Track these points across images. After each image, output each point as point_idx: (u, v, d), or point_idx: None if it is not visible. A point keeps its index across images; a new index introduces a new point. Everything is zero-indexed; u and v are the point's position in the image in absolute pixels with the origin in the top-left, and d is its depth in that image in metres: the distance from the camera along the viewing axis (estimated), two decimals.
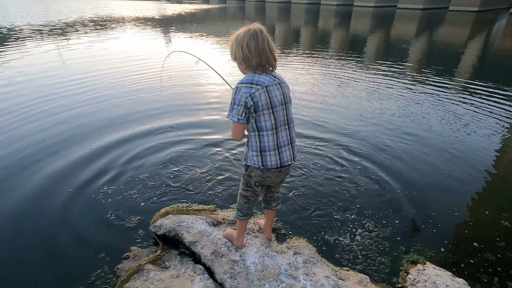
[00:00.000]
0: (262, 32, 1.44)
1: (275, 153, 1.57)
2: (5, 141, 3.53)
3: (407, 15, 25.72)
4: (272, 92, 1.49)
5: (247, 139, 1.64)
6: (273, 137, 1.55)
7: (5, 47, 9.20)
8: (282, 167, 1.63)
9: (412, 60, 8.75)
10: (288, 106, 1.58)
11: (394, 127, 4.09)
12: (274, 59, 1.50)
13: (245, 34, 1.44)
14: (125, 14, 21.86)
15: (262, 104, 1.47)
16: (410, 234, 2.27)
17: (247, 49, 1.43)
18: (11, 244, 2.14)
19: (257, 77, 1.48)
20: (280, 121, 1.55)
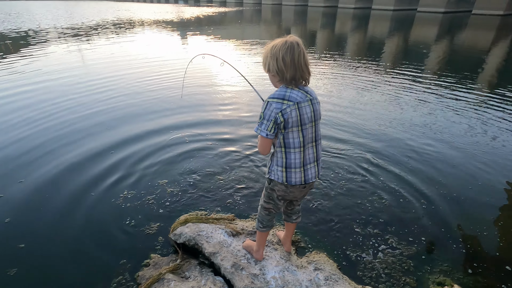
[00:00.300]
0: (299, 45, 1.39)
1: (301, 170, 1.55)
2: (27, 139, 3.68)
3: (428, 19, 25.06)
4: (303, 109, 1.45)
5: (273, 153, 1.61)
6: (300, 155, 1.52)
7: (32, 49, 9.61)
8: (306, 184, 1.60)
9: (432, 64, 8.50)
10: (317, 123, 1.54)
11: (417, 135, 3.97)
12: (309, 74, 1.45)
13: (281, 46, 1.38)
14: (145, 17, 22.39)
15: (292, 121, 1.43)
16: (436, 253, 2.18)
17: (283, 62, 1.38)
18: (34, 248, 2.20)
19: (289, 92, 1.43)
20: (308, 138, 1.52)
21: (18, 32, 13.24)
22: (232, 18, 24.15)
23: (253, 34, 14.69)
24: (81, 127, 4.10)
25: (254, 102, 5.15)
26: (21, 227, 2.37)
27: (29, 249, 2.17)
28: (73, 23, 17.42)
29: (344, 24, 21.31)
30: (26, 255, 2.13)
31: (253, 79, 6.54)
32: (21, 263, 2.06)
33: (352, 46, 11.95)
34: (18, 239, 2.25)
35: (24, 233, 2.31)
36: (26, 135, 3.82)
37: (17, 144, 3.61)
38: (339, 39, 14.17)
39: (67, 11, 27.55)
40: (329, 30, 17.24)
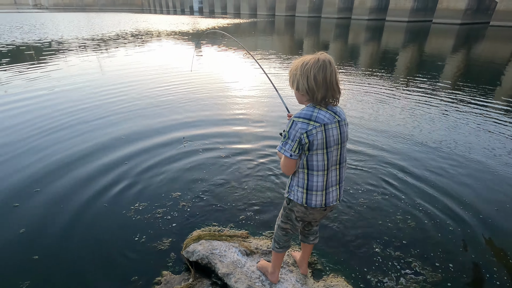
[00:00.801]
0: (331, 63, 1.31)
1: (322, 193, 1.48)
2: (39, 146, 3.75)
3: (444, 30, 24.72)
4: (329, 131, 1.38)
5: (294, 172, 1.53)
6: (323, 178, 1.45)
7: (54, 58, 9.98)
8: (326, 207, 1.52)
9: (449, 77, 8.28)
10: (343, 146, 1.46)
11: (440, 149, 3.82)
12: (339, 93, 1.38)
13: (313, 64, 1.30)
14: (162, 28, 23.03)
15: (318, 143, 1.37)
16: (465, 282, 2.03)
17: (314, 81, 1.30)
18: (47, 260, 2.18)
19: (317, 113, 1.36)
20: (333, 161, 1.45)
21: (42, 43, 13.83)
22: (245, 29, 24.53)
23: (266, 45, 14.82)
24: (94, 135, 4.17)
25: (272, 108, 5.15)
26: (35, 238, 2.37)
27: (42, 261, 2.16)
28: (93, 34, 18.10)
29: (357, 35, 21.27)
30: (39, 267, 2.11)
31: (266, 89, 6.54)
32: (34, 275, 2.04)
33: (365, 58, 11.85)
34: (32, 250, 2.25)
35: (38, 244, 2.31)
36: (40, 142, 3.91)
37: (32, 150, 3.69)
38: (352, 50, 14.10)
39: (88, 21, 28.72)
40: (342, 41, 17.22)
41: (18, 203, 2.76)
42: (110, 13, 52.13)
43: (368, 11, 37.34)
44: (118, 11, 64.74)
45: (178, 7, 76.32)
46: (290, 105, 2.00)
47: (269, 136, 4.25)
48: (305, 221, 1.67)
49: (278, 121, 4.79)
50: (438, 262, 2.17)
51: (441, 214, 2.67)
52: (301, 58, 1.37)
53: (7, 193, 2.91)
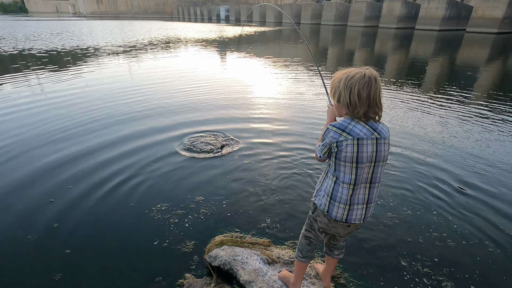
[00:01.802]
0: (376, 81, 1.28)
1: (345, 207, 1.44)
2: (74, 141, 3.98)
3: (478, 40, 23.56)
4: (363, 146, 1.34)
5: (326, 172, 1.51)
6: (347, 191, 1.41)
7: (90, 62, 10.61)
8: (350, 223, 1.48)
9: (483, 88, 7.84)
10: (378, 165, 1.40)
11: (483, 162, 3.63)
12: (381, 110, 1.35)
13: (359, 79, 1.27)
14: (190, 36, 23.83)
15: (346, 156, 1.35)
16: None
17: (357, 97, 1.28)
18: (77, 255, 2.29)
19: (353, 126, 1.34)
20: (363, 178, 1.40)
21: (81, 49, 14.77)
22: (270, 37, 24.77)
23: (290, 52, 14.86)
24: (123, 136, 4.35)
25: (302, 115, 5.11)
26: (67, 233, 2.50)
27: (73, 255, 2.28)
28: (127, 41, 19.07)
29: (384, 43, 20.78)
30: (70, 261, 2.22)
31: (291, 96, 6.53)
32: (65, 269, 2.15)
33: (392, 66, 11.53)
34: (64, 244, 2.37)
35: (69, 239, 2.43)
36: (74, 138, 4.14)
37: (65, 147, 3.92)
38: (378, 58, 13.78)
39: (122, 29, 30.32)
40: (368, 50, 16.89)
41: (53, 199, 2.93)
42: (142, 21, 54.74)
43: (397, 20, 36.45)
44: (149, 19, 67.86)
45: (206, 15, 78.69)
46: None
47: (297, 141, 4.24)
48: (328, 234, 1.64)
49: (307, 127, 4.78)
50: (473, 285, 2.04)
51: (480, 233, 2.52)
52: (345, 70, 1.35)
53: (45, 188, 3.10)
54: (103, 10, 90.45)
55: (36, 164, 3.57)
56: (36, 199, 2.93)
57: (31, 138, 4.30)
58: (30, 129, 4.59)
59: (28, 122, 4.89)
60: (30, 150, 3.93)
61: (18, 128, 4.63)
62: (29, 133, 4.45)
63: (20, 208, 2.79)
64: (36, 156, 3.76)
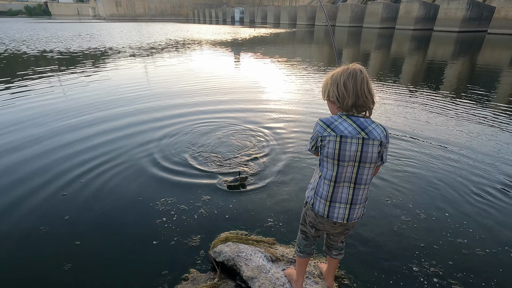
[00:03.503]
0: (362, 72, 1.33)
1: (326, 203, 1.46)
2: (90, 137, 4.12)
3: (500, 41, 22.69)
4: (346, 144, 1.34)
5: (317, 166, 1.54)
6: (328, 188, 1.43)
7: (106, 63, 10.96)
8: (335, 221, 1.49)
9: (506, 91, 7.55)
10: (364, 166, 1.37)
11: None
12: (372, 102, 1.36)
13: (342, 72, 1.34)
14: (206, 37, 24.16)
15: (328, 152, 1.37)
16: None
17: (344, 88, 1.32)
18: (87, 247, 2.37)
19: (338, 123, 1.36)
20: (345, 177, 1.40)
21: (99, 50, 15.26)
22: (284, 38, 24.77)
23: (304, 54, 14.81)
24: (128, 124, 4.48)
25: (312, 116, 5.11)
26: (78, 226, 2.59)
27: (83, 247, 2.36)
28: (145, 42, 19.55)
29: (401, 45, 20.36)
30: (80, 252, 2.30)
31: (306, 99, 6.51)
32: (74, 259, 2.23)
33: (409, 69, 11.28)
34: (75, 236, 2.46)
35: (80, 232, 2.52)
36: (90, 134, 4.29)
37: (79, 140, 4.08)
38: (394, 61, 13.52)
39: (138, 31, 31.09)
40: (383, 52, 16.60)
41: (66, 192, 3.05)
42: (159, 23, 55.92)
43: (414, 21, 35.62)
44: (166, 21, 69.24)
45: (220, 17, 79.49)
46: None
47: (305, 140, 4.24)
48: (318, 230, 1.65)
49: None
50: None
51: (496, 242, 2.44)
52: (332, 71, 1.41)
53: (59, 182, 3.22)
54: (121, 12, 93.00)
55: (48, 158, 3.73)
56: (49, 192, 3.05)
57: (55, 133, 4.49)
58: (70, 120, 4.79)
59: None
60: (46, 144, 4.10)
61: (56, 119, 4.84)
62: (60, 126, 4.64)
63: (33, 201, 2.90)
64: (48, 150, 3.92)
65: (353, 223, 1.53)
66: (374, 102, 1.37)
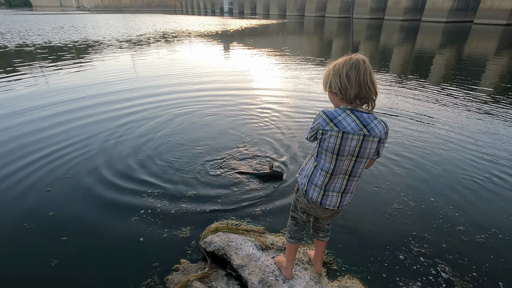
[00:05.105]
0: (364, 62, 1.29)
1: (320, 191, 1.49)
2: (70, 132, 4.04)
3: (487, 31, 23.09)
4: (347, 140, 1.34)
5: (311, 155, 1.55)
6: (324, 179, 1.46)
7: (95, 56, 10.67)
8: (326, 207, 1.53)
9: (491, 81, 7.73)
10: (361, 161, 1.40)
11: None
12: (375, 93, 1.33)
13: (345, 63, 1.30)
14: (192, 29, 23.72)
15: (329, 146, 1.37)
16: None
17: (346, 78, 1.29)
18: (74, 242, 2.34)
19: (342, 118, 1.33)
20: (341, 169, 1.42)
21: (85, 42, 14.82)
22: (274, 30, 24.56)
23: (294, 46, 14.75)
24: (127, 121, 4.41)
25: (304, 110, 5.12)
26: (64, 222, 2.54)
27: (70, 242, 2.32)
28: (131, 34, 19.07)
29: (390, 36, 20.48)
30: (67, 248, 2.27)
31: (294, 93, 6.51)
32: (61, 255, 2.19)
33: (398, 60, 11.39)
34: (61, 232, 2.41)
35: (66, 228, 2.47)
36: (67, 129, 4.21)
37: (62, 137, 4.00)
38: (383, 52, 13.62)
39: (125, 24, 30.27)
40: (373, 43, 16.68)
41: (51, 188, 2.99)
42: (146, 14, 54.58)
43: (403, 12, 35.85)
44: (153, 12, 67.61)
45: (209, 8, 78.14)
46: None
47: (298, 132, 4.26)
48: (309, 215, 1.68)
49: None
50: (468, 275, 2.05)
51: (480, 227, 2.53)
52: (334, 61, 1.38)
53: (41, 179, 3.14)
54: (106, 3, 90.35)
55: (31, 154, 3.65)
56: (33, 188, 2.98)
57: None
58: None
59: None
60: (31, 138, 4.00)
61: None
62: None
63: (17, 198, 2.84)
64: (28, 145, 3.83)
65: (343, 207, 1.58)
66: (377, 93, 1.35)
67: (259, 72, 8.78)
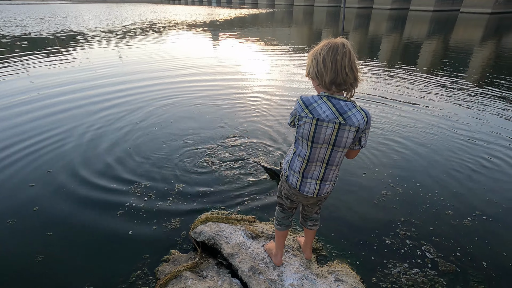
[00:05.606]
0: (344, 46, 1.23)
1: (298, 178, 1.49)
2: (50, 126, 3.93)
3: (473, 20, 23.38)
4: (321, 128, 1.31)
5: (294, 141, 1.55)
6: (301, 165, 1.45)
7: (76, 47, 10.32)
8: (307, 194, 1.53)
9: (478, 69, 7.87)
10: (338, 150, 1.37)
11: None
12: (355, 79, 1.27)
13: (323, 47, 1.25)
14: (179, 19, 23.17)
15: (304, 132, 1.36)
16: (475, 274, 1.98)
17: (322, 64, 1.24)
18: (60, 237, 2.29)
19: (317, 105, 1.30)
20: (318, 157, 1.41)
21: (68, 33, 14.29)
22: (263, 19, 24.23)
23: (283, 35, 14.61)
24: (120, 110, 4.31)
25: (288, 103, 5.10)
26: (50, 216, 2.48)
27: (56, 237, 2.27)
28: (116, 24, 18.49)
29: (378, 25, 20.51)
30: (53, 243, 2.22)
31: (283, 84, 6.48)
32: (47, 250, 2.14)
33: (387, 49, 11.44)
34: (46, 227, 2.35)
35: (52, 222, 2.41)
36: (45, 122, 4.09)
37: (48, 129, 3.88)
38: (372, 41, 13.64)
39: (109, 14, 29.30)
40: (362, 32, 16.68)
41: (34, 183, 2.91)
42: (130, 4, 52.93)
43: (391, 0, 35.87)
44: (138, 2, 65.62)
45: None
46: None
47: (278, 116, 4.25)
48: (293, 201, 1.67)
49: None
50: (452, 255, 2.11)
51: (464, 206, 2.60)
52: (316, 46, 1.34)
53: (24, 174, 3.05)
54: None
55: (10, 148, 3.53)
56: (15, 183, 2.90)
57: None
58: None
59: None
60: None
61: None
62: None
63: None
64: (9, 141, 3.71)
65: (325, 196, 1.57)
66: (358, 80, 1.28)
67: (249, 61, 8.68)
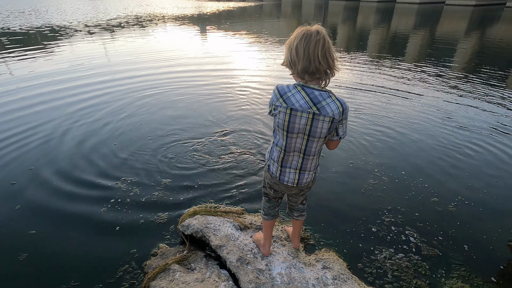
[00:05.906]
0: (319, 33, 1.20)
1: (278, 167, 1.51)
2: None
3: (457, 12, 23.76)
4: (295, 117, 1.31)
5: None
6: (279, 154, 1.46)
7: (60, 42, 9.99)
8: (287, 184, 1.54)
9: (462, 61, 8.03)
10: (313, 140, 1.36)
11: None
12: (329, 67, 1.24)
13: (297, 36, 1.23)
14: (166, 12, 22.71)
15: (279, 122, 1.36)
16: (457, 257, 2.04)
17: (295, 51, 1.23)
18: (44, 234, 2.24)
19: (291, 94, 1.29)
20: (295, 147, 1.41)
21: (49, 28, 13.82)
22: (251, 13, 24.00)
23: (272, 28, 14.52)
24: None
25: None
26: (32, 214, 2.42)
27: (40, 235, 2.22)
28: (100, 18, 17.98)
29: (366, 18, 20.62)
30: (37, 241, 2.17)
31: (272, 77, 6.46)
32: (31, 248, 2.10)
33: (375, 41, 11.53)
34: (29, 225, 2.31)
35: (35, 220, 2.36)
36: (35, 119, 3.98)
37: (31, 126, 3.77)
38: (360, 34, 13.71)
39: (94, 7, 28.44)
40: (350, 25, 16.73)
41: (15, 181, 2.83)
42: None
43: None
44: None
45: None
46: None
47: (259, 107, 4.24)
48: (276, 190, 1.67)
49: None
50: (433, 238, 2.18)
51: (446, 193, 2.67)
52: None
53: (5, 172, 2.96)
54: None
55: None
56: None
57: None
58: None
59: None
60: None
61: None
62: None
63: None
64: None
65: (308, 185, 1.57)
66: (333, 68, 1.26)
67: (237, 54, 8.61)
